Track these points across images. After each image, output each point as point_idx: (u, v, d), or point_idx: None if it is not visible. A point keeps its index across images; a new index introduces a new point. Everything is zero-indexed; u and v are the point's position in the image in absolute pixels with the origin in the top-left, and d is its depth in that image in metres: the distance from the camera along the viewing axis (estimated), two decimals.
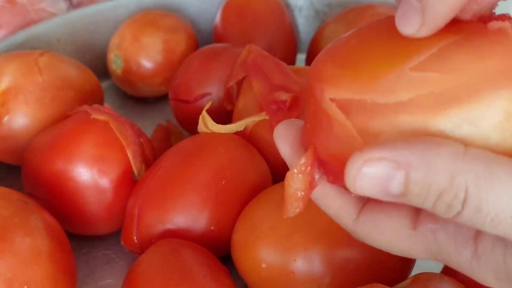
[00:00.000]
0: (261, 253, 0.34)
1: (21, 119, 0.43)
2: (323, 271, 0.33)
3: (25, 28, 0.56)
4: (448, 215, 0.20)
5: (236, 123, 0.43)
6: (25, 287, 0.31)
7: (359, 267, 0.33)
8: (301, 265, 0.33)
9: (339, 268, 0.33)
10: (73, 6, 0.63)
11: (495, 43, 0.20)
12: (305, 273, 0.33)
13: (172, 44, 0.55)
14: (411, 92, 0.20)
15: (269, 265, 0.34)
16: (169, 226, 0.37)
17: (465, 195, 0.19)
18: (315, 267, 0.33)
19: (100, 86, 0.51)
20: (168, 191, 0.38)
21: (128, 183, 0.40)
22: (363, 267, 0.33)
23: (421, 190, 0.20)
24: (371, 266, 0.33)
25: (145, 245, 0.37)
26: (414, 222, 0.22)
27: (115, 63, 0.55)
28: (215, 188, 0.38)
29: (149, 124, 0.52)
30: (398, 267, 0.34)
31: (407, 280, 0.31)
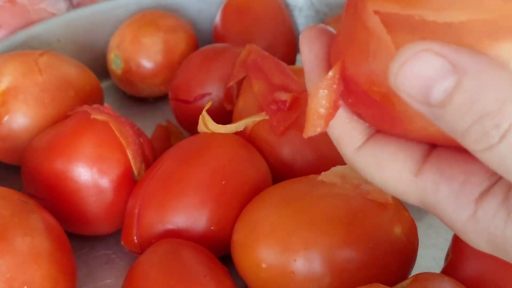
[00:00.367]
0: (261, 253, 0.34)
1: (21, 119, 0.43)
2: (323, 271, 0.33)
3: (25, 28, 0.56)
4: (479, 146, 0.18)
5: (236, 123, 0.43)
6: (25, 287, 0.31)
7: (359, 267, 0.33)
8: (301, 265, 0.33)
9: (339, 268, 0.33)
10: (73, 6, 0.63)
11: None
12: (305, 273, 0.33)
13: (172, 44, 0.55)
14: (465, 15, 0.18)
15: (269, 265, 0.34)
16: (169, 226, 0.37)
17: (508, 128, 0.17)
18: (315, 267, 0.33)
19: (100, 86, 0.51)
20: (168, 191, 0.38)
21: (128, 183, 0.40)
22: (363, 267, 0.33)
23: (464, 105, 0.17)
24: (371, 266, 0.33)
25: (145, 245, 0.37)
26: (418, 168, 0.21)
27: (115, 63, 0.55)
28: (215, 188, 0.38)
29: (149, 124, 0.52)
30: (398, 267, 0.34)
31: (407, 280, 0.31)
